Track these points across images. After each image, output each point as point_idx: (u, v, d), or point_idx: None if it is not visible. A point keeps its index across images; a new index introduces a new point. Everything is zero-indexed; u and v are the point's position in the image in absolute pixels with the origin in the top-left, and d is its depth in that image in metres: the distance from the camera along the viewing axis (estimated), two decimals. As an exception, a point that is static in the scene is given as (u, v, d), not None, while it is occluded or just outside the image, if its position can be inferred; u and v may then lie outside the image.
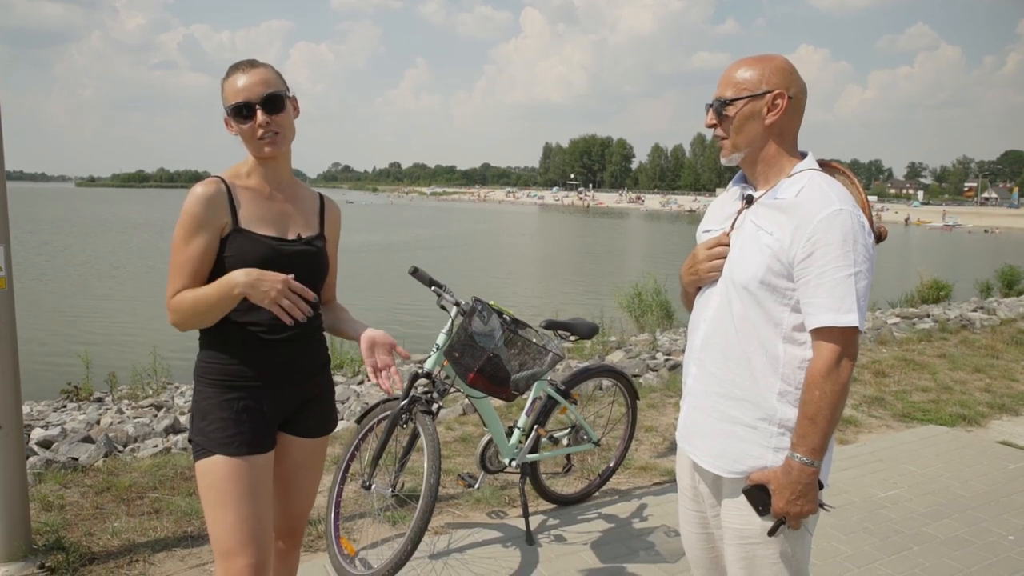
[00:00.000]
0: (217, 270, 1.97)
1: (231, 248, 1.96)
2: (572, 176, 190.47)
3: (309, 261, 2.06)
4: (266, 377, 2.03)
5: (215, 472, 1.95)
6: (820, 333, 1.69)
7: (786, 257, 1.71)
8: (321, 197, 2.22)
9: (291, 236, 2.05)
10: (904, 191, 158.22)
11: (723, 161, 1.89)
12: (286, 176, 2.10)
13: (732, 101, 1.79)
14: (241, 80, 1.95)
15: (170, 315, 1.96)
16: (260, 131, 1.95)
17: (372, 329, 2.13)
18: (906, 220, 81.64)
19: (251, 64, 1.99)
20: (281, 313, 1.90)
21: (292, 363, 2.08)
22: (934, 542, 3.53)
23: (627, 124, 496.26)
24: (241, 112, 1.94)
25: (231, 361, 2.00)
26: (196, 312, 1.94)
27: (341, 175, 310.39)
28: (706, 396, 1.89)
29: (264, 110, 1.94)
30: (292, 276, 1.92)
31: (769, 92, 1.76)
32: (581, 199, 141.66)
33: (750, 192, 1.87)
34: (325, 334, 2.23)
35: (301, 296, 1.92)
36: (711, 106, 1.84)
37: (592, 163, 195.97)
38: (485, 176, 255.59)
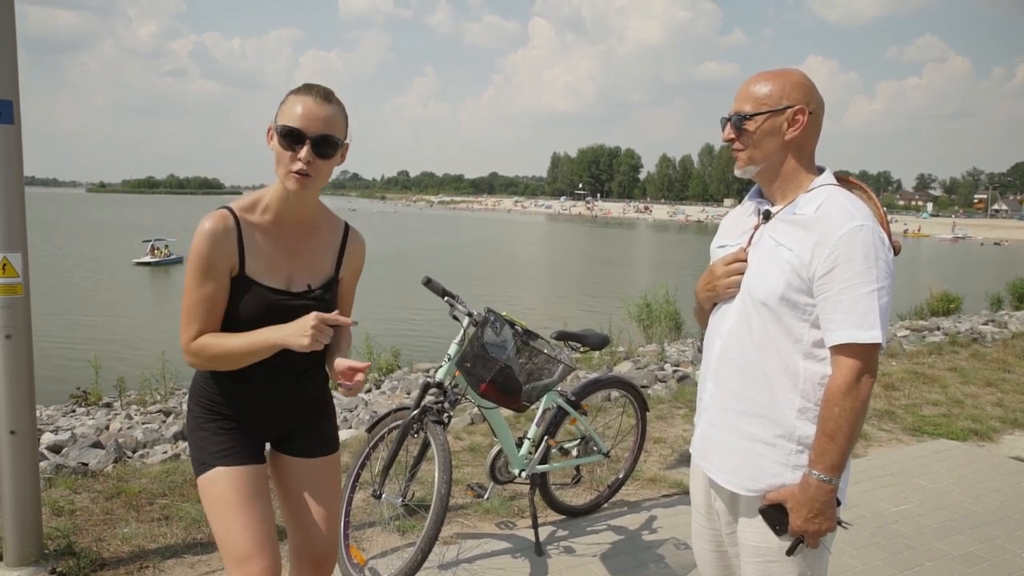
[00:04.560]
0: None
1: (235, 295, 1.91)
2: (580, 186, 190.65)
3: None
4: (252, 410, 2.03)
5: (218, 483, 1.96)
6: (841, 349, 1.68)
7: (806, 272, 1.70)
8: (346, 229, 2.11)
9: (297, 288, 1.98)
10: (913, 203, 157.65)
11: (737, 173, 1.88)
12: (306, 213, 1.99)
13: (752, 116, 1.78)
14: (308, 107, 1.82)
15: (188, 357, 1.92)
16: (298, 164, 1.82)
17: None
18: (905, 232, 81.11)
19: (326, 98, 1.86)
20: (316, 343, 1.84)
21: (284, 399, 2.06)
22: (946, 558, 3.50)
23: (634, 133, 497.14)
24: (289, 137, 1.82)
25: (221, 392, 2.00)
26: (228, 362, 1.91)
27: (350, 183, 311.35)
28: (723, 412, 1.88)
29: (312, 148, 1.82)
30: (313, 314, 1.85)
31: (789, 107, 1.76)
32: (589, 209, 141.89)
33: (767, 207, 1.86)
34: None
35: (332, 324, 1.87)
36: (729, 120, 1.83)
37: (600, 173, 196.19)
38: (493, 185, 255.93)
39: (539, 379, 3.17)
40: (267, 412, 2.05)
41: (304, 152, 1.81)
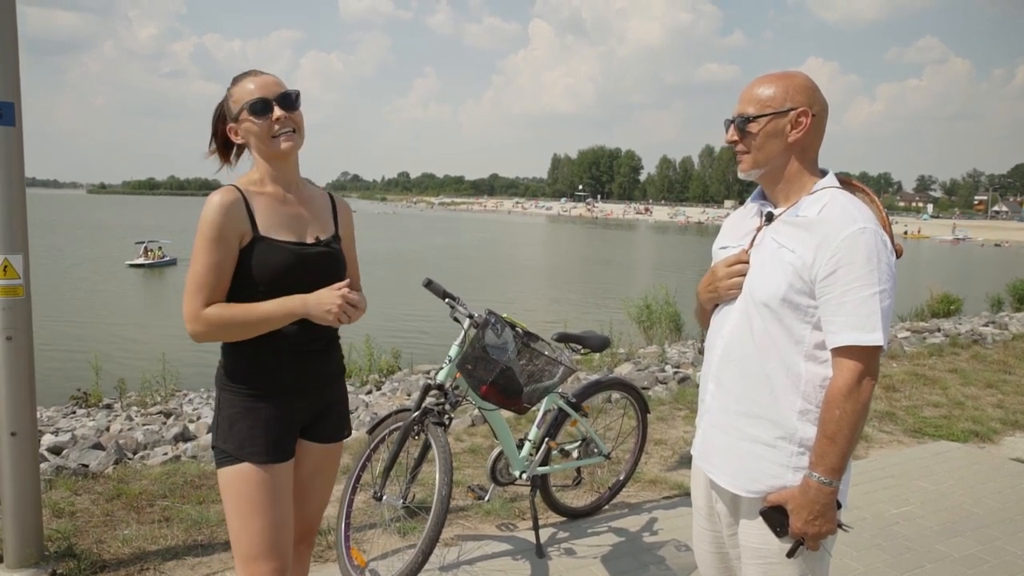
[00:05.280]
0: (238, 280, 1.98)
1: (254, 257, 1.96)
2: (580, 187, 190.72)
3: (330, 262, 2.09)
4: (291, 386, 2.06)
5: (244, 479, 1.98)
6: (842, 351, 1.68)
7: (808, 275, 1.70)
8: (331, 195, 2.25)
9: (310, 240, 2.08)
10: (914, 204, 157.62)
11: (741, 175, 1.88)
12: (295, 179, 2.12)
13: (755, 118, 1.78)
14: (255, 82, 2.00)
15: (195, 326, 1.94)
16: (277, 126, 1.97)
17: None
18: (905, 233, 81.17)
19: (260, 71, 2.04)
20: (339, 322, 1.96)
21: (315, 371, 2.12)
22: (947, 560, 3.49)
23: (635, 135, 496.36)
24: (258, 109, 1.96)
25: (258, 371, 2.02)
26: (241, 330, 1.95)
27: (350, 184, 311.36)
28: (724, 414, 1.88)
29: (280, 106, 1.98)
30: (345, 283, 1.98)
31: (793, 110, 1.76)
32: (589, 210, 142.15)
33: (769, 209, 1.86)
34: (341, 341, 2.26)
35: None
36: (732, 122, 1.83)
37: (600, 174, 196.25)
38: (493, 186, 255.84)
39: (540, 381, 3.17)
40: (301, 389, 2.09)
41: (277, 112, 1.97)
